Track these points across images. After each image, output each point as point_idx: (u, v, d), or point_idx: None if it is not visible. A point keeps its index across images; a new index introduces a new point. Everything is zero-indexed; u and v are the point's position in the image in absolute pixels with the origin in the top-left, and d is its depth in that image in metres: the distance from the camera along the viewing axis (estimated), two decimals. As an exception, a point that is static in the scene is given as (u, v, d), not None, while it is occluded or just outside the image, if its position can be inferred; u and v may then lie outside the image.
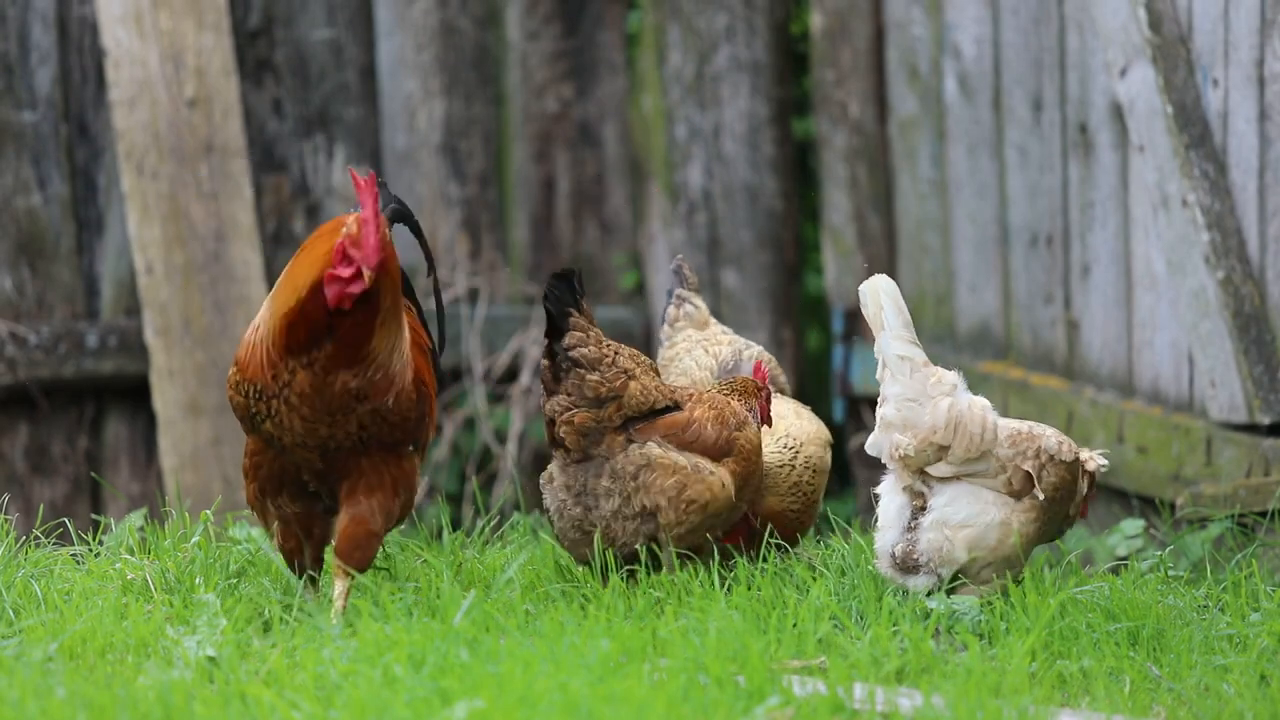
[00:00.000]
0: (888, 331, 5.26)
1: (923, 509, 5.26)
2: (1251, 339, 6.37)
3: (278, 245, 7.88)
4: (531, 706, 4.17)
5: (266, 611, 5.03)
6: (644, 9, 8.18)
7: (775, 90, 8.18)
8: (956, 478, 5.24)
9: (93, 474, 7.63)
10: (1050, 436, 5.29)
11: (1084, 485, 5.38)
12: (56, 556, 5.38)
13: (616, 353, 5.16)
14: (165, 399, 7.56)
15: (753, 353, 5.94)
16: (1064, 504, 5.31)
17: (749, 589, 5.12)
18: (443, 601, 5.01)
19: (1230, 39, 6.37)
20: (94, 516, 7.36)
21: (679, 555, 5.21)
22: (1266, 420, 6.35)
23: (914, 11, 7.71)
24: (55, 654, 4.69)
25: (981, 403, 5.26)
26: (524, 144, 8.17)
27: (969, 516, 5.22)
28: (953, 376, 5.28)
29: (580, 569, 5.45)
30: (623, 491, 5.14)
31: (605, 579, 5.16)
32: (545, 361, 5.16)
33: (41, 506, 7.13)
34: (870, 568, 5.35)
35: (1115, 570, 6.16)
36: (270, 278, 7.78)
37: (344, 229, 4.92)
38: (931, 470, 5.24)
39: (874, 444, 5.31)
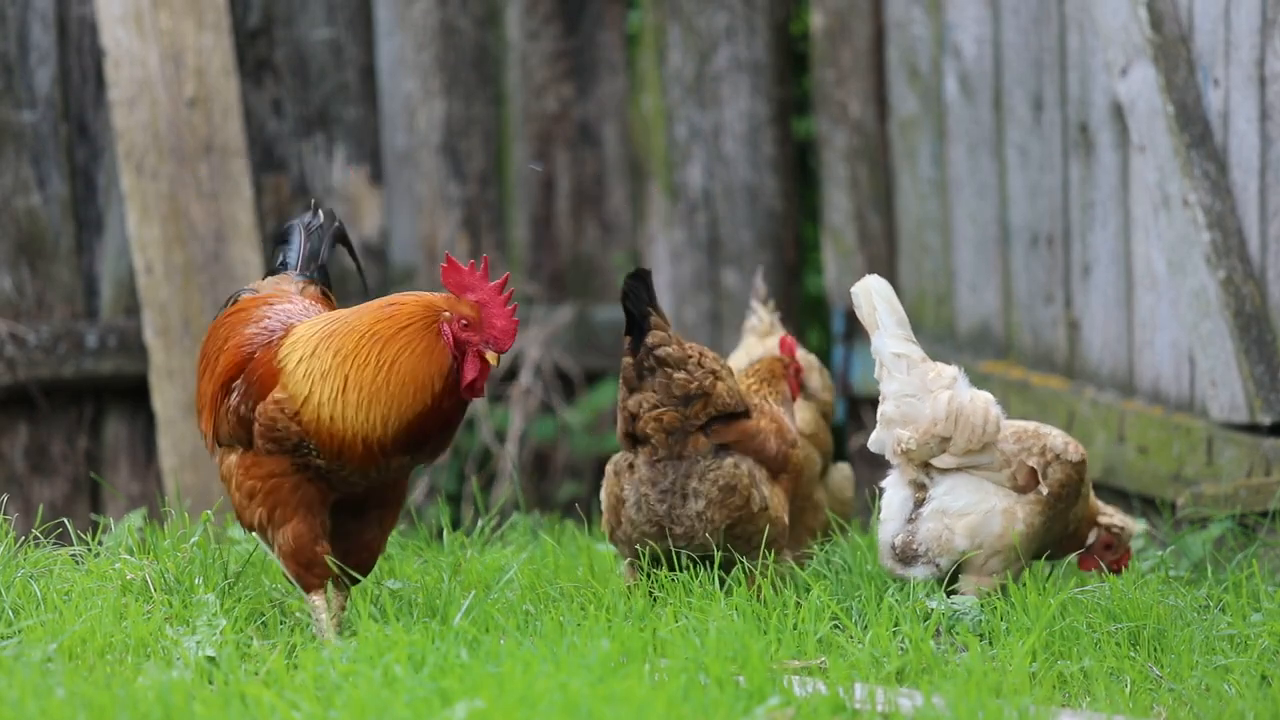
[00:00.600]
0: (882, 330, 5.27)
1: (925, 501, 5.27)
2: (1252, 339, 6.36)
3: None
4: (531, 706, 4.17)
5: (266, 612, 5.02)
6: (644, 9, 8.18)
7: (775, 90, 8.18)
8: (960, 469, 5.25)
9: (92, 474, 7.62)
10: (1056, 436, 5.31)
11: (1089, 488, 5.39)
12: (56, 556, 5.37)
13: (702, 354, 5.26)
14: (165, 399, 7.56)
15: (801, 354, 5.98)
16: (1069, 505, 5.31)
17: (749, 589, 5.12)
18: (443, 601, 5.01)
19: (1231, 38, 6.37)
20: (93, 516, 7.36)
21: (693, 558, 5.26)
22: (1267, 420, 6.34)
23: (914, 11, 7.70)
24: (54, 654, 4.68)
25: (984, 396, 5.28)
26: (524, 144, 8.16)
27: (969, 504, 5.23)
28: (952, 370, 5.29)
29: (580, 571, 5.45)
30: (707, 496, 5.21)
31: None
32: (628, 359, 5.22)
33: (41, 506, 7.12)
34: (869, 568, 5.35)
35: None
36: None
37: (443, 314, 4.81)
38: (935, 462, 5.25)
39: (876, 441, 5.32)
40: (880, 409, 5.30)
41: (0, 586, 5.05)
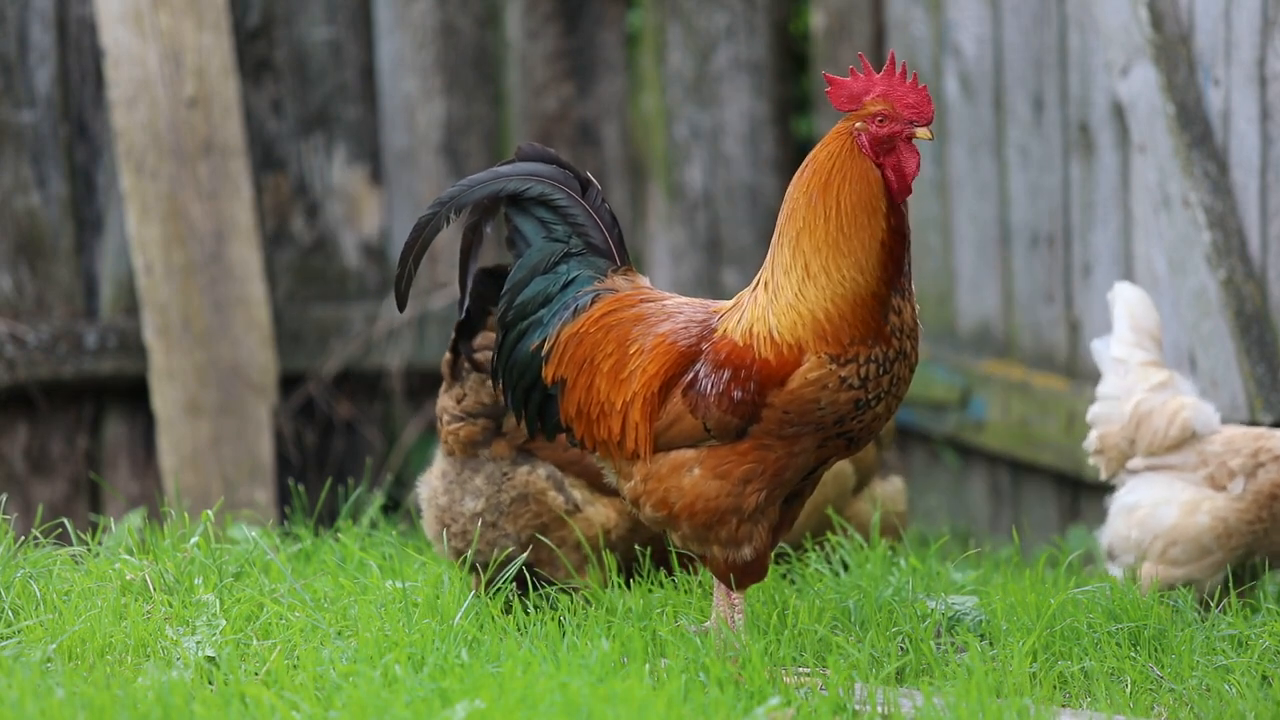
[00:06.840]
0: (1113, 334, 5.49)
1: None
2: (1253, 339, 6.36)
3: (277, 245, 7.86)
4: (531, 707, 4.16)
5: (266, 610, 5.02)
6: (644, 8, 8.17)
7: (776, 90, 8.17)
8: (1150, 469, 5.38)
9: (92, 474, 7.61)
10: None
11: None
12: (55, 557, 5.37)
13: None
14: (165, 399, 7.55)
15: None
16: None
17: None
18: (443, 601, 5.00)
19: (1231, 38, 6.36)
20: (93, 516, 7.35)
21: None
22: (1268, 420, 6.34)
23: (915, 10, 7.70)
24: (54, 654, 4.68)
25: (1182, 402, 5.37)
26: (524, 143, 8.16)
27: (1142, 500, 5.35)
28: (1162, 374, 5.43)
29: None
30: (491, 500, 5.04)
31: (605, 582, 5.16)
32: (449, 355, 5.02)
33: (40, 506, 7.11)
34: (869, 567, 5.35)
35: (1116, 570, 6.14)
36: (271, 277, 7.77)
37: (854, 128, 4.57)
38: (1128, 464, 5.43)
39: (1087, 441, 5.52)
40: (1090, 409, 5.49)
41: (0, 586, 5.05)
